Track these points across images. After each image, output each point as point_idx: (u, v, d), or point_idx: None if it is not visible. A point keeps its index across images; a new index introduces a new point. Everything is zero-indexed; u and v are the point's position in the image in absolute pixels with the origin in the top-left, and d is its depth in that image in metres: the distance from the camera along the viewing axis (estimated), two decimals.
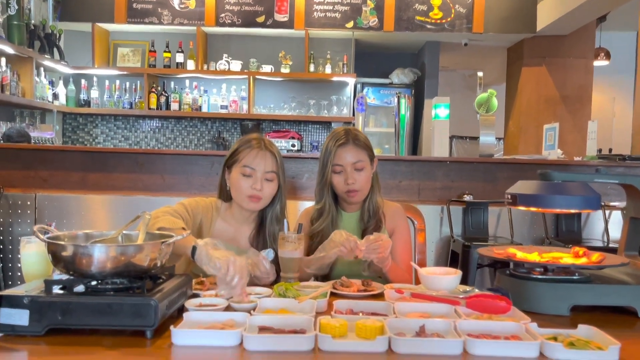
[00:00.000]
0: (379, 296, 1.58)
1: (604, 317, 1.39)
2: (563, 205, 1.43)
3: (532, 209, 1.48)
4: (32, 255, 1.42)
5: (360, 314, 1.34)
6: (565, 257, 1.51)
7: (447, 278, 1.54)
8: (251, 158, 1.77)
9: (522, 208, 1.48)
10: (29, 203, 3.31)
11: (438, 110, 3.70)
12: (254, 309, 1.32)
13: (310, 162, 3.51)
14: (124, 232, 1.43)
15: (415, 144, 6.24)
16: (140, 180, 3.44)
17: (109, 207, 3.33)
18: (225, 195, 1.87)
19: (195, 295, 1.45)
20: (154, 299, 1.16)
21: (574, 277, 1.47)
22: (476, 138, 6.02)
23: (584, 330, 1.17)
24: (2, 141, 3.97)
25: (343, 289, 1.60)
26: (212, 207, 1.86)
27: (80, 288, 1.23)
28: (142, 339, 1.15)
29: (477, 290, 1.57)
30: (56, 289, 1.21)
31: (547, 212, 3.10)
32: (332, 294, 1.52)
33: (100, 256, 1.19)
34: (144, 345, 1.12)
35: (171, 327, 1.13)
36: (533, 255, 1.56)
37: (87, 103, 5.68)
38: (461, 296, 1.44)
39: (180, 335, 1.13)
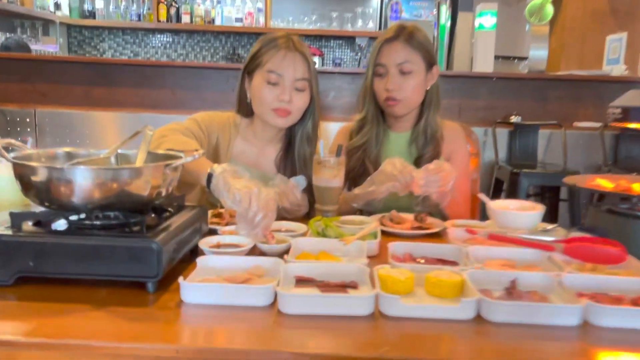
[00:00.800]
0: (438, 236, 1.28)
1: None
2: None
3: None
4: (2, 179, 1.12)
5: (421, 261, 1.04)
6: None
7: (528, 215, 1.23)
8: (277, 61, 1.42)
9: (636, 126, 1.12)
10: (27, 120, 3.01)
11: (482, 19, 3.25)
12: (287, 252, 1.03)
13: (336, 77, 3.14)
14: (119, 151, 1.12)
15: (447, 62, 5.75)
16: (148, 96, 3.12)
17: (115, 125, 3.02)
18: (245, 109, 1.54)
19: (213, 232, 1.16)
20: (156, 241, 0.86)
21: None
22: (510, 58, 5.53)
23: None
24: None
25: (393, 225, 1.29)
26: (230, 123, 1.53)
27: (60, 224, 0.94)
28: (142, 294, 0.86)
29: (561, 229, 1.25)
30: (28, 225, 0.92)
31: None
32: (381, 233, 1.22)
33: (83, 183, 0.88)
34: (144, 302, 0.84)
35: (180, 279, 0.83)
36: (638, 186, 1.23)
37: (92, 14, 5.23)
38: (548, 238, 1.13)
39: (192, 290, 0.83)
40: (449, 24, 3.40)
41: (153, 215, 1.02)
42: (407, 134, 1.57)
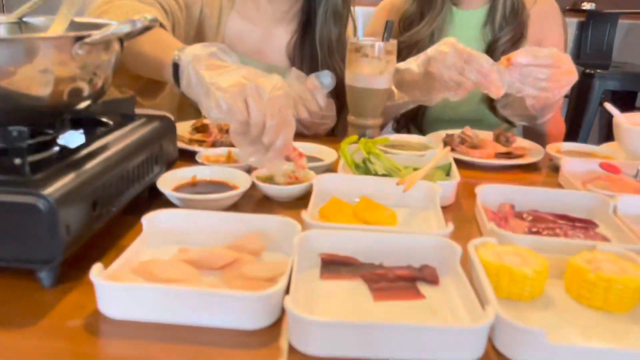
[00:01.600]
0: (535, 169, 0.84)
1: None
2: None
3: None
4: None
5: (526, 216, 0.62)
6: None
7: None
8: None
9: None
10: None
11: None
12: (306, 197, 0.60)
13: None
14: (26, 19, 0.67)
15: None
16: None
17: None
18: None
19: (191, 158, 0.73)
20: (44, 194, 0.43)
21: None
22: None
23: None
24: None
25: (469, 151, 0.84)
26: None
27: None
28: (31, 294, 0.45)
29: None
30: None
31: None
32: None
33: None
34: (30, 313, 0.43)
35: (92, 274, 0.41)
36: None
37: None
38: None
39: (116, 296, 0.41)
40: None
41: (71, 131, 0.59)
42: (480, 11, 1.06)
